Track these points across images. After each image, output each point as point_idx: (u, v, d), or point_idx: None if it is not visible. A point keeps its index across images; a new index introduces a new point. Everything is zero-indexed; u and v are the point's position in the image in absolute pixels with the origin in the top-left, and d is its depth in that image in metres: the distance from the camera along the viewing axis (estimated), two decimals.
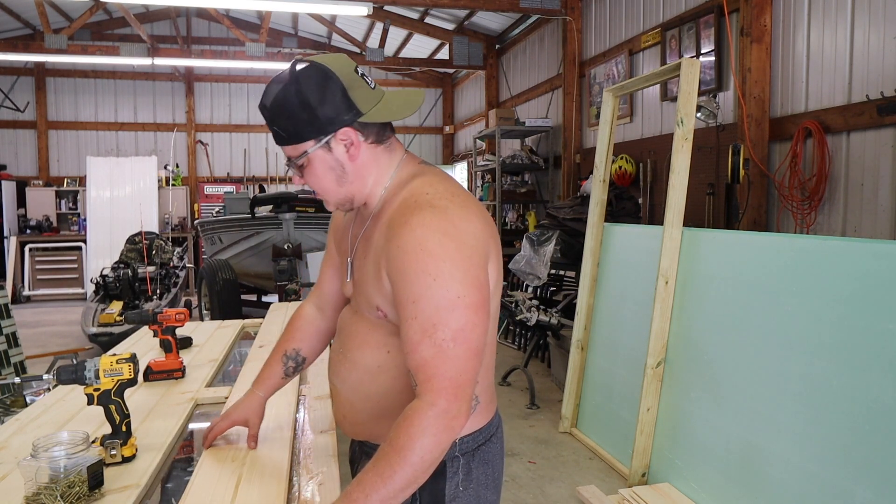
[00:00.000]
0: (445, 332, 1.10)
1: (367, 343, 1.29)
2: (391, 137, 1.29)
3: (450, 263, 1.11)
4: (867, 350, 2.27)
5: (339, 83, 1.18)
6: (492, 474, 1.35)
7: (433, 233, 1.12)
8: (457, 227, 1.14)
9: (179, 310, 2.19)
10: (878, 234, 3.56)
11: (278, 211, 6.18)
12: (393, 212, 1.21)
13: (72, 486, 1.23)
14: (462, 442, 1.28)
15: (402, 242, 1.13)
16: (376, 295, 1.23)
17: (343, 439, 1.50)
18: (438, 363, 1.09)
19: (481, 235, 1.18)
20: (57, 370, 1.47)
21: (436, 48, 10.42)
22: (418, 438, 1.07)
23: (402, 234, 1.13)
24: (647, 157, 5.67)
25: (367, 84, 1.22)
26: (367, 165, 1.25)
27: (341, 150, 1.22)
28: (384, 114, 1.22)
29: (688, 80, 3.38)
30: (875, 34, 3.55)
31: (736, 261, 2.99)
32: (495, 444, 1.36)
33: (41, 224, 10.41)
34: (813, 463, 2.41)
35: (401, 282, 1.13)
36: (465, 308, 1.11)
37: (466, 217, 1.16)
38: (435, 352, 1.10)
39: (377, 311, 1.24)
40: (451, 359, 1.10)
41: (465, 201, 1.20)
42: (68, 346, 6.42)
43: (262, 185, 11.02)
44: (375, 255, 1.21)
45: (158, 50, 8.61)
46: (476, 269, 1.14)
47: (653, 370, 3.33)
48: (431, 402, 1.08)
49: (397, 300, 1.15)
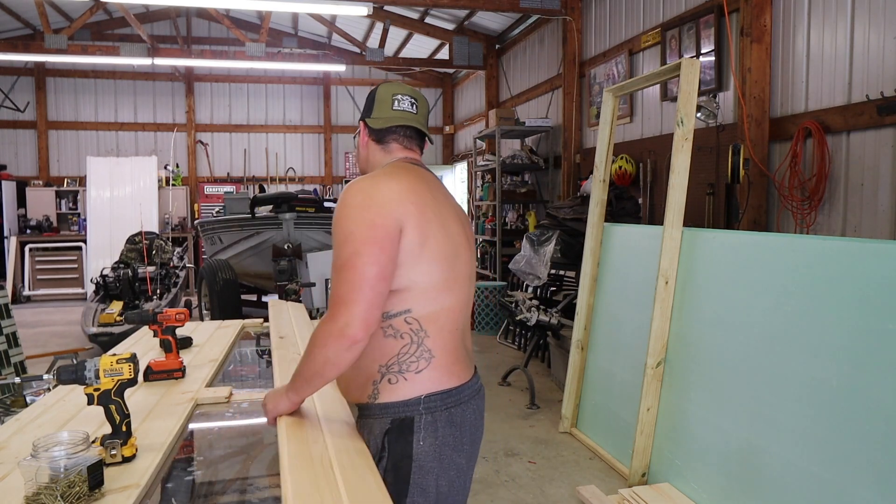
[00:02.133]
0: (340, 260, 1.41)
1: None
2: (392, 143, 1.67)
3: (353, 209, 1.44)
4: (867, 350, 2.27)
5: (374, 95, 1.69)
6: (460, 438, 1.53)
7: (350, 193, 1.47)
8: (370, 189, 1.47)
9: (179, 310, 2.19)
10: (878, 234, 3.56)
11: (278, 211, 6.17)
12: None
13: (72, 486, 1.23)
14: (429, 399, 1.48)
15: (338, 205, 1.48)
16: None
17: None
18: (336, 287, 1.41)
19: (393, 197, 1.46)
20: (57, 370, 1.47)
21: (436, 48, 10.41)
22: (314, 341, 1.41)
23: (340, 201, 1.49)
24: (647, 157, 5.67)
25: (392, 105, 1.66)
26: (368, 153, 1.70)
27: (359, 138, 1.72)
28: (381, 124, 1.65)
29: (688, 80, 3.38)
30: (875, 34, 3.55)
31: (736, 261, 2.99)
32: (468, 411, 1.55)
33: (41, 224, 10.41)
34: (813, 463, 2.41)
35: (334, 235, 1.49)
36: (353, 241, 1.40)
37: (385, 184, 1.48)
38: (335, 282, 1.41)
39: None
40: (342, 282, 1.39)
41: (391, 178, 1.51)
42: (68, 346, 6.42)
43: (262, 185, 11.02)
44: None
45: (158, 50, 8.61)
46: (372, 215, 1.42)
47: (653, 370, 3.33)
48: (327, 316, 1.41)
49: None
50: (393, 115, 1.64)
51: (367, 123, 1.67)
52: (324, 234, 6.21)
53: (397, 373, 1.48)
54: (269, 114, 11.83)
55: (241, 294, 6.44)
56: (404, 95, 1.66)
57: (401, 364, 1.48)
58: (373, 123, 1.66)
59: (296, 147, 11.98)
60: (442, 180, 8.59)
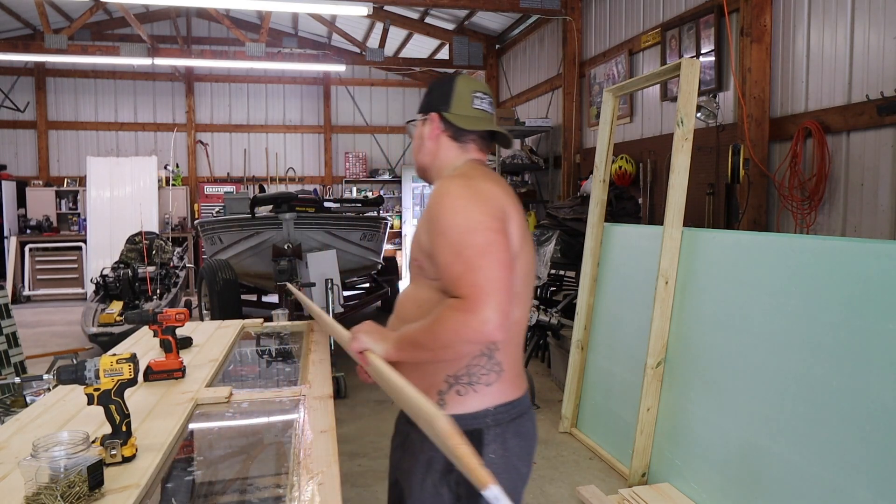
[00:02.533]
0: (471, 249, 1.32)
1: (410, 298, 1.54)
2: (470, 143, 1.59)
3: (469, 201, 1.37)
4: (867, 350, 2.27)
5: (452, 87, 1.57)
6: (526, 448, 1.50)
7: (456, 185, 1.42)
8: (475, 184, 1.42)
9: (179, 310, 2.19)
10: (878, 234, 3.56)
11: (278, 211, 6.17)
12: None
13: (72, 485, 1.23)
14: (497, 412, 1.45)
15: (434, 197, 1.43)
16: (416, 249, 1.49)
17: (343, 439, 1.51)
18: (468, 275, 1.30)
19: (498, 195, 1.43)
20: (57, 370, 1.47)
21: (436, 48, 10.41)
22: (443, 319, 1.31)
23: (435, 192, 1.44)
24: (647, 157, 5.67)
25: (472, 103, 1.57)
26: (437, 147, 1.59)
27: (427, 128, 1.59)
28: (463, 123, 1.55)
29: (688, 80, 3.38)
30: (875, 34, 3.55)
31: (736, 261, 2.99)
32: (527, 421, 1.52)
33: (41, 224, 10.41)
34: (813, 463, 2.41)
35: (433, 222, 1.40)
36: (485, 230, 1.34)
37: (484, 182, 1.44)
38: (465, 267, 1.31)
39: (415, 262, 1.51)
40: (478, 269, 1.30)
41: (486, 177, 1.48)
42: (68, 346, 6.42)
43: (262, 185, 11.01)
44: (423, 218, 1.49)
45: (158, 50, 8.61)
46: (493, 209, 1.38)
47: (653, 370, 3.33)
48: (461, 300, 1.30)
49: (431, 238, 1.40)
50: (476, 115, 1.57)
51: (444, 117, 1.56)
52: (324, 234, 6.21)
53: (467, 384, 1.44)
54: (269, 114, 11.82)
55: (241, 294, 6.44)
56: (484, 94, 1.58)
57: (471, 376, 1.44)
58: (455, 120, 1.55)
59: (296, 147, 11.98)
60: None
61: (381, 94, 12.27)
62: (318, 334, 2.93)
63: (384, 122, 12.31)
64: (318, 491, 1.36)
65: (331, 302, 5.16)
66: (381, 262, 7.85)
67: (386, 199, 10.95)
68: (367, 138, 12.28)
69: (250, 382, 2.53)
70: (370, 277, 8.24)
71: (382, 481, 3.52)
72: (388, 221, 8.17)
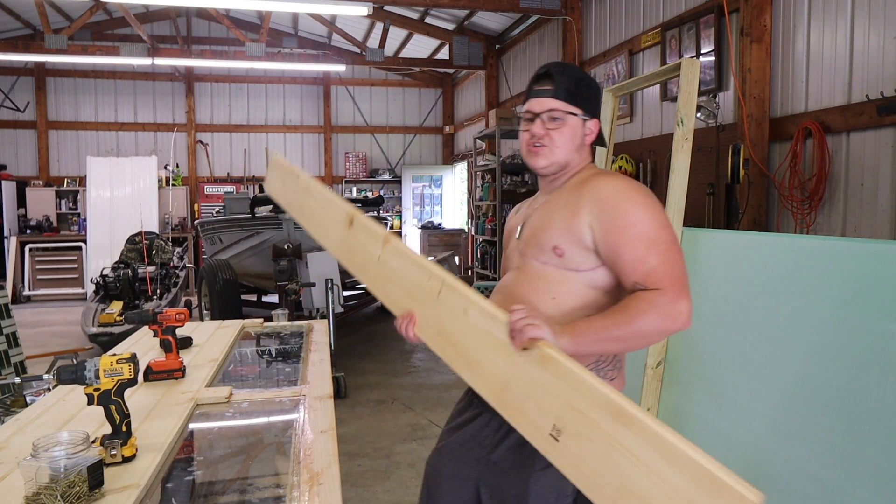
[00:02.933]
0: (665, 244, 1.39)
1: (536, 289, 1.50)
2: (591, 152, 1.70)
3: (650, 198, 1.45)
4: (867, 350, 2.27)
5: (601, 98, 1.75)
6: None
7: (631, 183, 1.47)
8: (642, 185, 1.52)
9: (179, 310, 2.19)
10: (878, 234, 3.56)
11: (278, 211, 6.17)
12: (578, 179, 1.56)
13: (72, 486, 1.23)
14: None
15: (606, 189, 1.46)
16: (558, 235, 1.48)
17: (343, 439, 1.50)
18: (665, 268, 1.36)
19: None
20: (57, 370, 1.47)
21: (436, 48, 10.41)
22: (646, 311, 1.31)
23: (605, 184, 1.47)
24: (647, 157, 5.67)
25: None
26: (583, 150, 1.63)
27: (587, 130, 1.61)
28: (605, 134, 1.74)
29: (688, 80, 3.38)
30: (875, 34, 3.55)
31: (736, 261, 2.99)
32: None
33: (41, 224, 10.41)
34: (813, 463, 2.41)
35: (613, 215, 1.42)
36: (669, 228, 1.43)
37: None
38: (660, 259, 1.37)
39: (553, 251, 1.48)
40: (672, 263, 1.37)
41: None
42: (68, 346, 6.42)
43: (262, 185, 11.01)
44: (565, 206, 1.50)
45: (158, 50, 8.61)
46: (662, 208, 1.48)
47: (653, 370, 3.33)
48: (661, 291, 1.33)
49: (610, 229, 1.42)
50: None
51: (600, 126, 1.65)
52: None
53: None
54: (269, 114, 11.83)
55: (241, 294, 6.44)
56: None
57: (599, 370, 1.46)
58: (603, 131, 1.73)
59: (296, 147, 11.98)
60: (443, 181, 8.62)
61: (381, 94, 12.28)
62: (318, 334, 2.93)
63: (384, 122, 12.31)
64: (318, 491, 1.36)
65: (331, 302, 5.16)
66: None
67: (386, 199, 10.95)
68: (367, 138, 12.28)
69: (250, 382, 2.53)
70: None
71: (382, 481, 3.52)
72: (388, 221, 8.18)
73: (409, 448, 3.99)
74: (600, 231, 1.42)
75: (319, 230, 1.91)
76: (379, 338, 7.29)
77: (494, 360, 1.33)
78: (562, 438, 1.21)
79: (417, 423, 4.43)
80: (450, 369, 1.43)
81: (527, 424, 1.27)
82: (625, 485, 1.11)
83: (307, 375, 2.21)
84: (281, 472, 1.59)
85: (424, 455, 3.86)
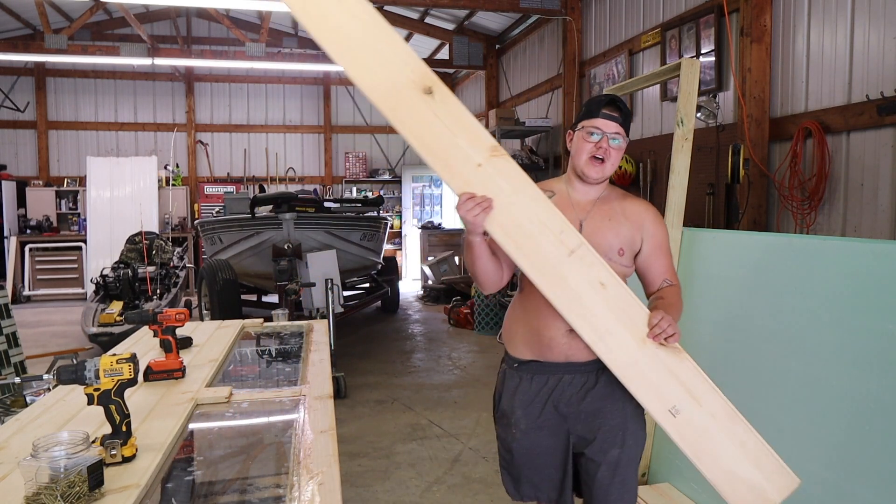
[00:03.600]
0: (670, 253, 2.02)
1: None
2: None
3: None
4: (867, 350, 2.27)
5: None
6: None
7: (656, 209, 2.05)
8: None
9: (179, 310, 2.19)
10: (878, 234, 3.56)
11: (278, 211, 6.17)
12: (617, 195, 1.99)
13: (72, 486, 1.23)
14: None
15: (650, 213, 1.97)
16: (619, 239, 1.90)
17: (343, 439, 1.50)
18: (673, 269, 2.02)
19: None
20: (57, 370, 1.47)
21: (436, 48, 10.41)
22: (681, 297, 1.98)
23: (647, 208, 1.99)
24: (647, 157, 5.67)
25: None
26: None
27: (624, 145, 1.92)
28: None
29: (688, 80, 3.38)
30: (875, 34, 3.55)
31: (736, 261, 2.99)
32: None
33: (41, 224, 10.41)
34: (813, 463, 2.41)
35: (658, 235, 1.96)
36: None
37: None
38: (672, 264, 2.02)
39: (618, 252, 1.90)
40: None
41: None
42: (68, 346, 6.42)
43: (262, 185, 11.00)
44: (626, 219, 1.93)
45: (158, 50, 8.61)
46: None
47: None
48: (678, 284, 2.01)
49: (655, 244, 1.95)
50: None
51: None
52: (324, 234, 6.21)
53: None
54: (268, 114, 11.83)
55: (241, 294, 6.44)
56: None
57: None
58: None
59: (296, 147, 11.98)
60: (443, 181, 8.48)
61: None
62: (318, 334, 2.93)
63: (384, 122, 12.25)
64: (318, 491, 1.36)
65: (331, 302, 5.16)
66: (381, 261, 7.85)
67: (386, 199, 10.96)
68: (367, 138, 12.28)
69: (250, 382, 2.53)
70: (370, 277, 8.25)
71: (382, 481, 3.52)
72: (387, 221, 8.18)
73: (409, 448, 3.99)
74: (647, 244, 1.94)
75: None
76: (379, 338, 7.30)
77: (625, 339, 1.76)
78: (679, 416, 1.76)
79: (417, 423, 4.43)
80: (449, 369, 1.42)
81: (649, 398, 1.77)
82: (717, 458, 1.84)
83: (307, 375, 2.21)
84: (281, 472, 1.59)
85: (425, 455, 3.87)
